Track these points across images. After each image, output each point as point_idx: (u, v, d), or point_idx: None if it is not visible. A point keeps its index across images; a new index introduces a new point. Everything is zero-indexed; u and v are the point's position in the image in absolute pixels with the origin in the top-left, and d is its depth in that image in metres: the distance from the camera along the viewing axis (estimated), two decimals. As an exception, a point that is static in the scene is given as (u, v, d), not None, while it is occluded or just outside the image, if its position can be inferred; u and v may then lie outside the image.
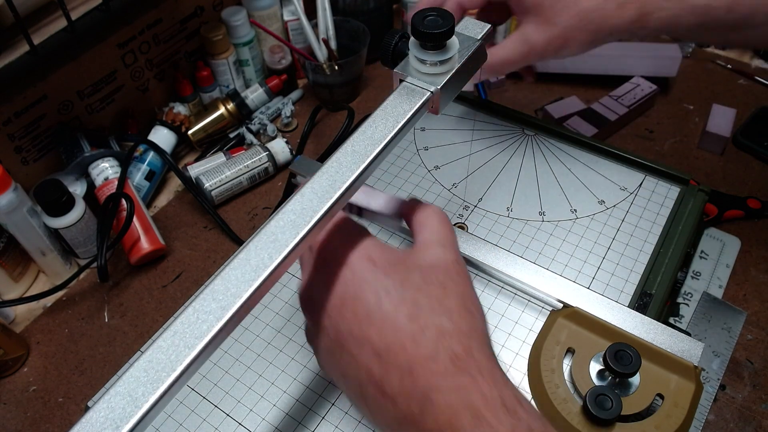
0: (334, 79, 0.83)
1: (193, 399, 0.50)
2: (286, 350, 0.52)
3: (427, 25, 0.39)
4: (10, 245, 0.64)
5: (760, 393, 0.55)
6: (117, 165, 0.71)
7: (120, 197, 0.66)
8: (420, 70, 0.42)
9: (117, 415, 0.28)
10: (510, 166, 0.67)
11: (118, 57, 0.74)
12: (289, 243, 0.34)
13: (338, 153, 0.38)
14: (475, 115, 0.73)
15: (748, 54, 0.91)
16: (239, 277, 0.32)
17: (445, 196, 0.65)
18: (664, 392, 0.45)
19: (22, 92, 0.65)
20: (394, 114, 0.40)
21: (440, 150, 0.69)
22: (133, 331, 0.63)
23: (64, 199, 0.62)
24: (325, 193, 0.36)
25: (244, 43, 0.82)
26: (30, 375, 0.60)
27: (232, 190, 0.74)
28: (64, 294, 0.67)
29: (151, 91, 0.80)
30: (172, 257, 0.69)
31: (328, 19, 0.82)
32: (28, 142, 0.68)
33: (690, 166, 0.76)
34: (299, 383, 0.50)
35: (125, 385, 0.29)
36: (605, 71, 0.85)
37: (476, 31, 0.46)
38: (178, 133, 0.78)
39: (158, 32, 0.77)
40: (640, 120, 0.82)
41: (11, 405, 0.58)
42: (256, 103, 0.84)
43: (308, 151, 0.81)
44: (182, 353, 0.30)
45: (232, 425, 0.48)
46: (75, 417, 0.57)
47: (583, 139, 0.69)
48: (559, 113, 0.81)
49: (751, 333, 0.59)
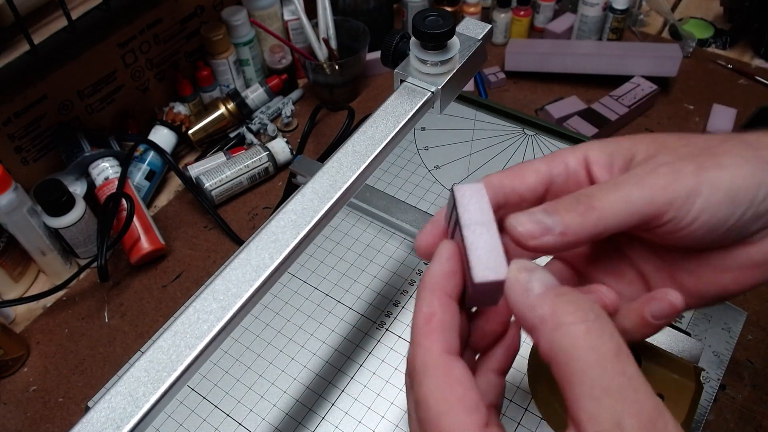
0: (334, 78, 0.83)
1: (193, 399, 0.50)
2: (286, 350, 0.52)
3: (428, 25, 0.39)
4: (10, 245, 0.64)
5: (761, 393, 0.55)
6: (117, 165, 0.71)
7: (120, 197, 0.66)
8: (421, 70, 0.42)
9: (118, 415, 0.28)
10: (510, 166, 0.67)
11: (118, 57, 0.74)
12: (289, 243, 0.33)
13: (339, 153, 0.38)
14: (475, 115, 0.73)
15: (749, 54, 0.91)
16: (240, 277, 0.32)
17: (445, 196, 0.65)
18: (664, 392, 0.45)
19: (22, 92, 0.65)
20: (394, 114, 0.40)
21: (440, 150, 0.69)
22: (133, 331, 0.63)
23: (64, 199, 0.61)
24: (325, 193, 0.36)
25: (244, 42, 0.82)
26: (30, 375, 0.60)
27: (232, 190, 0.74)
28: (64, 294, 0.67)
29: (151, 90, 0.80)
30: (172, 257, 0.69)
31: (329, 18, 0.82)
32: (28, 142, 0.68)
33: (690, 166, 0.75)
34: (299, 383, 0.50)
35: (126, 385, 0.29)
36: (605, 71, 0.85)
37: (477, 31, 0.46)
38: (179, 132, 0.78)
39: (158, 32, 0.77)
40: (640, 120, 0.82)
41: (11, 405, 0.58)
42: (257, 103, 0.84)
43: (308, 151, 0.80)
44: (183, 353, 0.30)
45: (232, 425, 0.48)
46: (75, 417, 0.57)
47: (583, 139, 0.69)
48: (560, 113, 0.81)
49: (751, 333, 0.59)
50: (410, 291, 0.56)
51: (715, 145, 0.30)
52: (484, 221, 0.29)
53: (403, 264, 0.58)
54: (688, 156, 0.29)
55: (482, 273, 0.28)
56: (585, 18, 0.90)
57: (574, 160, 0.32)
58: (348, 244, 0.59)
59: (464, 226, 0.29)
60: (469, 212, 0.29)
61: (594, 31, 0.91)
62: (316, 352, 0.52)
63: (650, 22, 0.98)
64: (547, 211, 0.29)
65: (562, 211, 0.29)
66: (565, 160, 0.32)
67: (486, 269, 0.28)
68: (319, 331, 0.53)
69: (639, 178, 0.29)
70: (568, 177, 0.32)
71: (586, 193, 0.29)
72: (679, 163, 0.29)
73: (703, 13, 0.98)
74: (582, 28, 0.91)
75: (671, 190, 0.28)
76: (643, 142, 0.31)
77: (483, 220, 0.29)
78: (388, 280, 0.56)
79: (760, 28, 0.90)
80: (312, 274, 0.57)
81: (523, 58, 0.88)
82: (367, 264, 0.58)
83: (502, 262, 0.28)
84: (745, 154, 0.29)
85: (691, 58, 0.90)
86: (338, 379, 0.50)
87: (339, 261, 0.58)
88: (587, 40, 0.92)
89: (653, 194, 0.28)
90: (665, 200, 0.28)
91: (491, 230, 0.28)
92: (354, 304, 0.55)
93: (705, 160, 0.29)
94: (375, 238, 0.60)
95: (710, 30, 0.94)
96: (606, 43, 0.91)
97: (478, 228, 0.29)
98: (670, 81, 0.86)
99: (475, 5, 0.93)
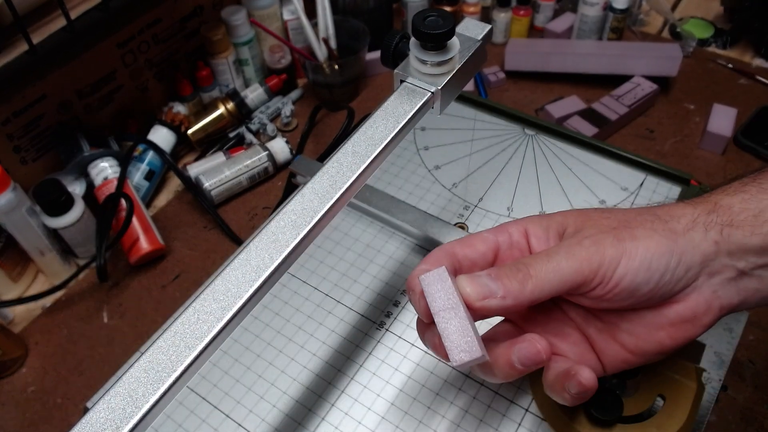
0: (334, 78, 0.83)
1: (192, 400, 0.50)
2: (285, 351, 0.52)
3: (427, 26, 0.39)
4: (8, 245, 0.63)
5: (762, 394, 0.55)
6: (116, 165, 0.71)
7: (119, 197, 0.66)
8: (420, 70, 0.42)
9: (117, 416, 0.28)
10: (510, 165, 0.67)
11: (117, 56, 0.73)
12: (289, 243, 0.33)
13: (339, 153, 0.38)
14: (475, 115, 0.73)
15: (749, 53, 0.91)
16: (240, 278, 0.32)
17: (445, 196, 0.64)
18: (666, 393, 0.45)
19: (21, 92, 0.65)
20: (394, 114, 0.40)
21: (440, 150, 0.69)
22: (133, 331, 0.62)
23: (63, 199, 0.61)
24: (325, 193, 0.36)
25: (243, 42, 0.82)
26: (28, 376, 0.60)
27: (231, 190, 0.74)
28: (63, 294, 0.66)
29: (150, 90, 0.80)
30: (171, 257, 0.69)
31: (328, 18, 0.82)
32: (27, 142, 0.68)
33: (691, 166, 0.75)
34: (299, 384, 0.50)
35: (125, 386, 0.29)
36: (606, 71, 0.85)
37: (477, 31, 0.46)
38: (178, 132, 0.78)
39: (158, 32, 0.77)
40: (640, 120, 0.82)
41: (9, 406, 0.58)
42: (256, 103, 0.84)
43: (308, 151, 0.80)
44: (183, 353, 0.30)
45: (231, 426, 0.48)
46: (74, 418, 0.57)
47: (583, 139, 0.69)
48: (560, 113, 0.81)
49: (752, 333, 0.59)
50: (410, 291, 0.56)
51: (631, 218, 0.35)
52: (451, 305, 0.32)
53: (403, 264, 0.58)
54: (607, 229, 0.35)
55: (458, 356, 0.31)
56: (585, 18, 0.89)
57: (516, 232, 0.38)
58: (348, 244, 0.59)
59: (434, 314, 0.32)
60: (436, 300, 0.32)
61: (594, 30, 0.91)
62: (315, 352, 0.52)
63: (650, 21, 0.98)
64: (491, 276, 0.33)
65: (503, 278, 0.33)
66: (509, 230, 0.38)
67: (461, 352, 0.31)
68: (319, 332, 0.53)
69: (567, 249, 0.34)
70: (512, 245, 0.38)
71: (525, 262, 0.34)
72: (600, 235, 0.34)
73: (704, 13, 0.98)
74: (582, 28, 0.91)
75: (594, 261, 0.33)
76: (571, 216, 0.37)
77: (450, 305, 0.32)
78: (388, 280, 0.56)
79: (760, 27, 0.90)
80: (312, 274, 0.57)
81: (523, 57, 0.88)
82: (367, 264, 0.58)
83: (473, 342, 0.31)
84: (656, 226, 0.34)
85: (691, 58, 0.90)
86: (338, 380, 0.50)
87: (339, 261, 0.58)
88: (587, 39, 0.92)
89: (580, 264, 0.33)
90: (590, 269, 0.33)
91: (459, 312, 0.32)
92: (354, 304, 0.55)
93: (621, 232, 0.34)
94: (375, 238, 0.60)
95: (710, 30, 0.94)
96: (606, 43, 0.91)
97: (446, 313, 0.32)
98: (670, 81, 0.86)
99: (475, 5, 0.92)
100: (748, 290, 0.35)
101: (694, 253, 0.34)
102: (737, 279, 0.35)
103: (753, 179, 0.36)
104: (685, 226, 0.34)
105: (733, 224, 0.34)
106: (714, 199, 0.36)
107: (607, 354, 0.38)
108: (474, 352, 0.31)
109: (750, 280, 0.35)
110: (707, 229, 0.34)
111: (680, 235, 0.34)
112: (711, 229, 0.34)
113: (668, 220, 0.35)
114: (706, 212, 0.35)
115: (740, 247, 0.34)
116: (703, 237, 0.34)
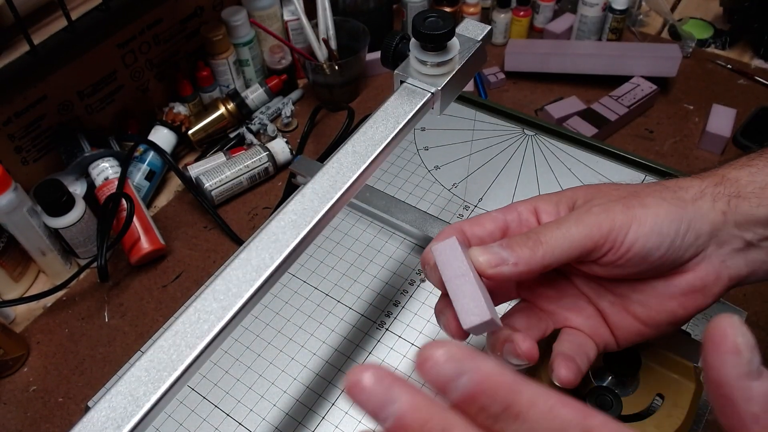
0: (334, 79, 0.83)
1: (193, 399, 0.50)
2: (286, 350, 0.52)
3: (427, 27, 0.39)
4: (10, 245, 0.64)
5: (760, 393, 0.55)
6: (117, 165, 0.71)
7: (120, 197, 0.66)
8: (420, 71, 0.42)
9: (118, 415, 0.28)
10: (510, 166, 0.67)
11: (118, 57, 0.74)
12: (290, 243, 0.34)
13: (339, 153, 0.38)
14: (475, 115, 0.73)
15: (748, 54, 0.91)
16: (240, 277, 0.32)
17: (445, 196, 0.65)
18: (665, 392, 0.45)
19: (22, 92, 0.65)
20: (394, 115, 0.40)
21: (440, 150, 0.69)
22: (133, 331, 0.63)
23: (64, 199, 0.62)
24: (325, 193, 0.36)
25: (244, 43, 0.82)
26: (30, 375, 0.60)
27: (232, 190, 0.74)
28: (64, 294, 0.67)
29: (151, 91, 0.80)
30: (172, 257, 0.69)
31: (328, 19, 0.82)
32: (28, 142, 0.68)
33: (690, 166, 0.76)
34: (299, 383, 0.50)
35: (126, 385, 0.29)
36: (605, 71, 0.85)
37: (476, 32, 0.46)
38: (178, 133, 0.78)
39: (158, 32, 0.77)
40: (640, 120, 0.82)
41: (11, 405, 0.58)
42: (256, 103, 0.84)
43: (308, 151, 0.81)
44: (183, 353, 0.30)
45: (232, 425, 0.48)
46: (75, 417, 0.57)
47: (583, 139, 0.69)
48: (559, 113, 0.81)
49: (751, 333, 0.59)
50: (410, 291, 0.56)
51: (640, 189, 0.36)
52: (462, 272, 0.32)
53: (403, 264, 0.58)
54: (617, 198, 0.35)
55: (468, 319, 0.31)
56: (584, 18, 0.90)
57: (525, 210, 0.38)
58: (348, 244, 0.60)
59: (446, 282, 0.33)
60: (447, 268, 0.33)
61: (593, 31, 0.91)
62: (316, 351, 0.52)
63: (650, 22, 0.99)
64: (503, 246, 0.34)
65: (515, 246, 0.34)
66: (518, 209, 0.38)
67: (471, 315, 0.31)
68: (319, 331, 0.53)
69: (577, 217, 0.35)
70: (520, 223, 0.38)
71: (535, 230, 0.34)
72: (610, 204, 0.35)
73: (703, 14, 0.98)
74: (581, 29, 0.91)
75: (604, 226, 0.34)
76: (581, 190, 0.37)
77: (461, 272, 0.33)
78: (388, 280, 0.56)
79: (759, 28, 0.90)
80: (312, 274, 0.57)
81: (523, 58, 0.88)
82: (367, 264, 0.58)
83: (483, 306, 0.31)
84: (665, 195, 0.35)
85: (690, 59, 0.90)
86: (338, 379, 0.50)
87: (339, 261, 0.58)
88: (587, 40, 0.92)
89: (590, 230, 0.34)
90: (600, 234, 0.33)
91: (469, 279, 0.32)
92: (354, 304, 0.55)
93: (630, 200, 0.35)
94: (375, 238, 0.60)
95: (710, 30, 0.94)
96: (606, 44, 0.91)
97: (458, 280, 0.32)
98: (669, 81, 0.86)
99: (475, 5, 0.93)
100: (756, 262, 0.35)
101: (703, 221, 0.34)
102: (745, 250, 0.35)
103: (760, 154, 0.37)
104: (693, 196, 0.35)
105: (740, 195, 0.35)
106: (721, 172, 0.36)
107: (620, 327, 0.38)
108: (484, 315, 0.31)
109: (758, 251, 0.35)
110: (715, 200, 0.35)
111: (689, 203, 0.35)
112: (719, 200, 0.35)
113: (677, 190, 0.36)
114: (713, 184, 0.36)
115: (747, 218, 0.34)
116: (711, 207, 0.35)
